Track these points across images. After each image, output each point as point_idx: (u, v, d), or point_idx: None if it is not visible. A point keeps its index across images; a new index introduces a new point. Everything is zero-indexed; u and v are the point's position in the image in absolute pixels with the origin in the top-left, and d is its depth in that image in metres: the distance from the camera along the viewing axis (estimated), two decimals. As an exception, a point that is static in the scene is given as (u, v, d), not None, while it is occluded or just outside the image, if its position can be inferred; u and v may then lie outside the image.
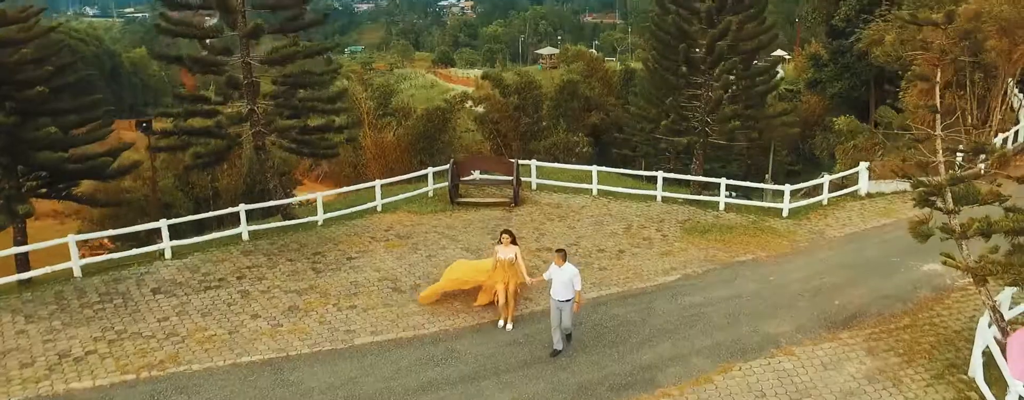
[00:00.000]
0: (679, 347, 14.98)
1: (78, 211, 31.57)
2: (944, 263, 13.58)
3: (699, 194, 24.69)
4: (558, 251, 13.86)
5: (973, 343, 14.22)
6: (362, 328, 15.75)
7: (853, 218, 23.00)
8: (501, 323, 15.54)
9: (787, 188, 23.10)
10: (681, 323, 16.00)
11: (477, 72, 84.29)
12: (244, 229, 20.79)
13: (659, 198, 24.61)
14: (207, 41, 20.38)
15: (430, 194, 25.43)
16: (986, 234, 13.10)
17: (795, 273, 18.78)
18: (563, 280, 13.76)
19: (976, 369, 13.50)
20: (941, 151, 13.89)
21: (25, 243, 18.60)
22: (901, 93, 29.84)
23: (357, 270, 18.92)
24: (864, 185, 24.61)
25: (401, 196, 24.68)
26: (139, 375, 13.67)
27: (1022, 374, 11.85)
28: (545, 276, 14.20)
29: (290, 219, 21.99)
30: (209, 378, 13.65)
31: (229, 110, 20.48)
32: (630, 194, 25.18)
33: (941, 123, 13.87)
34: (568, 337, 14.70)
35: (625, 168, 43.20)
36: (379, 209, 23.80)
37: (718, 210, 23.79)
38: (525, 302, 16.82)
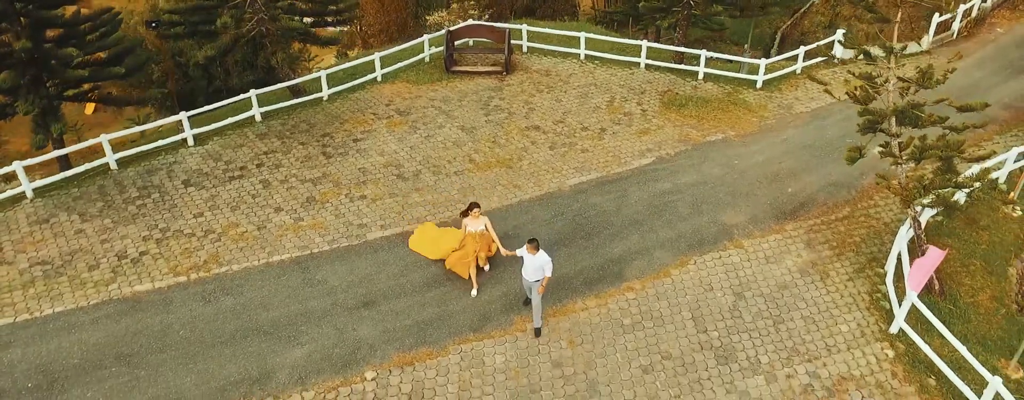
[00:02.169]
0: (646, 239, 17.44)
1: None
2: (878, 184, 15.65)
3: (680, 62, 25.92)
4: (530, 241, 13.91)
5: (895, 237, 16.71)
6: (372, 222, 18.11)
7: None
8: (474, 292, 15.69)
9: (763, 62, 24.31)
10: (650, 213, 18.35)
11: None
12: (256, 111, 22.48)
13: (643, 65, 25.91)
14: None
15: (426, 60, 26.67)
16: (918, 159, 15.02)
17: (758, 156, 20.80)
18: (534, 266, 14.02)
19: (890, 266, 16.10)
20: (892, 80, 15.38)
21: (63, 144, 20.39)
22: None
23: (363, 154, 20.92)
24: (839, 52, 25.76)
25: (400, 65, 25.95)
26: (189, 276, 16.25)
27: (917, 285, 14.48)
28: (517, 253, 14.51)
29: (300, 96, 23.58)
30: (248, 279, 16.23)
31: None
32: (616, 60, 26.42)
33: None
34: (537, 328, 14.83)
35: (614, 11, 43.41)
36: (379, 80, 25.25)
37: (697, 80, 25.21)
38: (513, 192, 19.08)
